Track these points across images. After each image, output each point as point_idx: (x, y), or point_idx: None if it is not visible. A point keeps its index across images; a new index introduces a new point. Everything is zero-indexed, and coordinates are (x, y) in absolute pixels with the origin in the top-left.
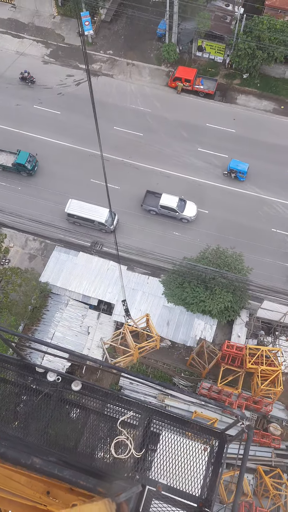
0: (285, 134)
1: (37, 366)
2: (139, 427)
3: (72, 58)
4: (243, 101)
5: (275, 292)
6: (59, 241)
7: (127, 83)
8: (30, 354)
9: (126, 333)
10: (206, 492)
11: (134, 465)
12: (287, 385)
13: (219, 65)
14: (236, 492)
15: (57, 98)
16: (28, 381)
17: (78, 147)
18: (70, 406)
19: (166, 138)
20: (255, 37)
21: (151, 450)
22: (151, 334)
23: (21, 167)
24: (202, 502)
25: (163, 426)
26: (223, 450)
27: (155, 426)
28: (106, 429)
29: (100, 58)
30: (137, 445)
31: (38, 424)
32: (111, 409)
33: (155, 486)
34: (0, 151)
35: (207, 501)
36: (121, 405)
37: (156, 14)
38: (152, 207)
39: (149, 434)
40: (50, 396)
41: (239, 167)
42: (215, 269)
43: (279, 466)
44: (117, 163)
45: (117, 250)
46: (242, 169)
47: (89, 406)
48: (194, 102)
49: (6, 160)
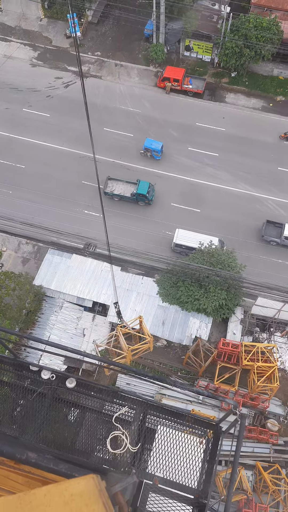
0: (274, 132)
1: (31, 364)
2: (134, 422)
3: (60, 60)
4: (232, 99)
5: (268, 288)
6: (52, 244)
7: (116, 84)
8: (26, 357)
9: (119, 336)
10: (203, 483)
11: (131, 460)
12: (283, 381)
13: (207, 64)
14: (231, 480)
15: (46, 101)
16: (23, 380)
17: (69, 149)
18: (65, 403)
19: (156, 138)
20: (242, 36)
21: (147, 449)
22: (144, 336)
23: (141, 197)
24: (198, 493)
25: (159, 420)
26: (218, 441)
27: (150, 421)
28: (101, 425)
29: (88, 59)
30: (132, 440)
31: (32, 423)
32: (106, 405)
33: (152, 480)
34: (117, 181)
35: (204, 492)
36: (116, 401)
37: (143, 15)
38: (273, 238)
39: (144, 429)
40: (44, 394)
41: (153, 146)
42: (209, 267)
43: (278, 461)
44: (108, 164)
45: (109, 251)
46: (156, 147)
47: (84, 404)
48: (183, 102)
49: (123, 190)
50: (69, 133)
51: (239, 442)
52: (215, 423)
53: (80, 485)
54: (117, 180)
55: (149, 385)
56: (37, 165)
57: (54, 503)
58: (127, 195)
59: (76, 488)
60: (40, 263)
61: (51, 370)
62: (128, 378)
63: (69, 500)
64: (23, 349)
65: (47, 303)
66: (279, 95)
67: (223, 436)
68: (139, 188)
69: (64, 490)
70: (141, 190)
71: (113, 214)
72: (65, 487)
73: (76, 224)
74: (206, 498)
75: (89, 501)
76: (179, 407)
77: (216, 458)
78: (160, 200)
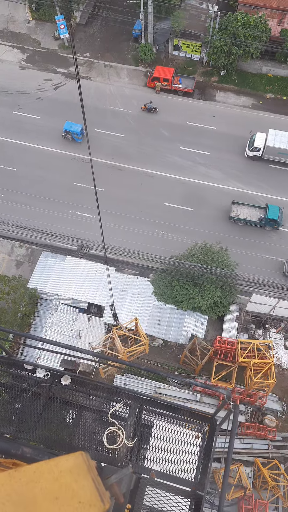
0: (264, 129)
1: (25, 363)
2: (130, 417)
3: (49, 62)
4: (221, 98)
5: (263, 285)
6: (46, 246)
7: (106, 85)
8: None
9: (115, 338)
10: (199, 476)
11: (128, 455)
12: (279, 377)
13: (196, 63)
14: (225, 470)
15: (36, 103)
16: (17, 379)
17: (60, 151)
18: (60, 402)
19: (148, 138)
20: (230, 34)
21: (144, 448)
22: (139, 338)
23: (272, 222)
24: (195, 486)
25: (154, 415)
26: (214, 434)
27: (146, 417)
28: (97, 421)
29: (77, 61)
30: (129, 435)
31: (28, 421)
32: (102, 401)
33: (149, 474)
34: (241, 205)
35: (200, 484)
36: (111, 397)
37: (131, 15)
38: None
39: (140, 424)
40: (39, 394)
41: (73, 129)
42: (203, 266)
43: (276, 457)
44: (100, 165)
45: (105, 252)
46: (75, 130)
47: (80, 402)
48: (173, 101)
49: (249, 215)
50: (60, 134)
51: (233, 431)
52: (210, 415)
53: (69, 461)
54: (242, 204)
55: (146, 384)
56: (29, 168)
57: (43, 479)
58: (253, 219)
59: (65, 465)
60: (34, 266)
61: (46, 368)
62: (125, 379)
63: (59, 476)
64: (19, 352)
65: (42, 305)
66: (269, 92)
67: (218, 428)
68: (269, 213)
69: (53, 467)
70: (272, 215)
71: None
72: (54, 463)
73: (70, 226)
74: (202, 490)
75: (78, 477)
76: (174, 402)
77: (212, 450)
78: (153, 199)
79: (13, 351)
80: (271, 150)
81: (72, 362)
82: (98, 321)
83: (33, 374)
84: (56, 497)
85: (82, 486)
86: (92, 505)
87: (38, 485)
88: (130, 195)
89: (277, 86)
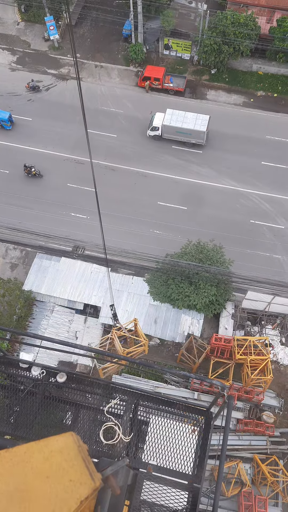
0: (256, 127)
1: (20, 361)
2: (126, 412)
3: (39, 63)
4: (213, 96)
5: (258, 282)
6: (40, 248)
7: (97, 85)
8: None
9: (114, 339)
10: (196, 469)
11: (124, 450)
12: (276, 373)
13: (187, 62)
14: (220, 462)
15: (28, 105)
16: (11, 379)
17: (53, 152)
18: (56, 399)
19: (140, 137)
20: (220, 33)
21: (140, 448)
22: (139, 339)
23: None
24: (192, 479)
25: (150, 410)
26: (210, 426)
27: (142, 411)
28: (94, 417)
29: (67, 62)
30: (125, 430)
31: (25, 419)
32: (97, 397)
33: (146, 468)
34: None
35: (197, 477)
36: (108, 393)
37: (121, 15)
38: None
39: (137, 419)
40: (34, 392)
41: (0, 116)
42: (198, 264)
43: (275, 453)
44: (93, 166)
45: (105, 254)
46: (3, 117)
47: (76, 400)
48: (164, 100)
49: None
50: (52, 136)
51: (227, 421)
52: (206, 409)
53: (59, 441)
54: None
55: (144, 384)
56: (21, 170)
57: (34, 459)
58: None
59: (55, 445)
60: (29, 268)
61: (41, 366)
62: (123, 379)
63: (49, 455)
64: (16, 355)
65: (38, 307)
66: (260, 90)
67: (214, 421)
68: None
69: (44, 447)
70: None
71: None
72: (44, 444)
73: (64, 227)
74: (199, 482)
75: (68, 457)
76: (170, 396)
77: (208, 443)
78: (146, 199)
79: (10, 353)
80: (168, 129)
81: (69, 364)
82: (95, 321)
83: (28, 373)
84: (47, 476)
85: (73, 465)
86: (83, 483)
87: (29, 465)
88: (124, 195)
89: (268, 83)
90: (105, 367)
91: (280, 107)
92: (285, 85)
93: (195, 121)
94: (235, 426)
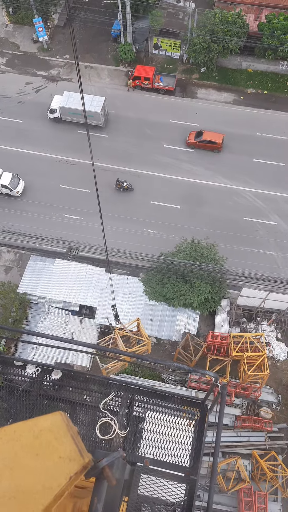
0: (246, 124)
1: (15, 359)
2: (122, 407)
3: (29, 65)
4: (203, 94)
5: (252, 278)
6: (34, 250)
7: (87, 86)
8: None
9: (117, 338)
10: (192, 461)
11: (121, 444)
12: (273, 368)
13: (176, 61)
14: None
15: (18, 107)
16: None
17: (44, 154)
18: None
19: (131, 137)
20: (209, 31)
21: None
22: (141, 338)
23: None
24: (188, 471)
25: (147, 407)
26: (205, 418)
27: (138, 405)
28: (90, 413)
29: (57, 63)
30: (121, 425)
31: None
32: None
33: (143, 462)
34: None
35: (194, 469)
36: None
37: (109, 15)
38: None
39: (133, 414)
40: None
41: None
42: (192, 262)
43: (273, 448)
44: (85, 166)
45: (107, 255)
46: None
47: (72, 398)
48: (155, 100)
49: None
50: (43, 138)
51: (221, 410)
52: (201, 401)
53: (49, 420)
54: None
55: (142, 382)
56: (13, 172)
57: (24, 437)
58: None
59: (44, 423)
60: (23, 270)
61: (36, 364)
62: (121, 379)
63: (39, 434)
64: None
65: (33, 310)
66: (250, 87)
67: (210, 412)
68: None
69: (33, 426)
70: None
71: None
72: (34, 423)
73: (57, 229)
74: (196, 474)
75: (58, 435)
76: (165, 390)
77: (204, 435)
78: (140, 198)
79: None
80: (65, 110)
81: (67, 365)
82: (91, 322)
83: (23, 371)
84: (37, 454)
85: (62, 443)
86: (72, 460)
87: (19, 443)
88: (117, 195)
89: (257, 81)
90: (108, 367)
91: (270, 104)
92: (274, 82)
93: (91, 103)
94: (233, 423)
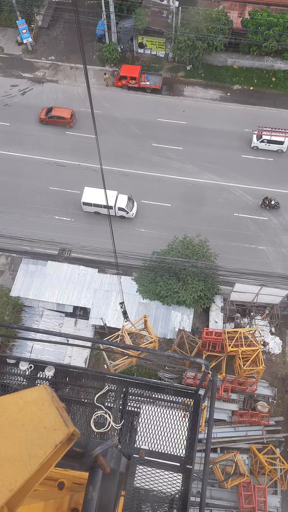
0: (234, 120)
1: (8, 357)
2: (116, 400)
3: (14, 68)
4: (190, 92)
5: (245, 274)
6: (26, 253)
7: (73, 87)
8: None
9: (125, 336)
10: (187, 450)
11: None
12: (268, 362)
13: (162, 60)
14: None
15: (4, 110)
16: None
17: (33, 156)
18: None
19: (119, 137)
20: (193, 29)
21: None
22: (149, 335)
23: None
24: (184, 460)
25: (140, 397)
26: (199, 408)
27: (133, 399)
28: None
29: (42, 65)
30: (116, 418)
31: None
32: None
33: (138, 453)
34: None
35: (189, 458)
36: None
37: (93, 16)
38: None
39: (127, 407)
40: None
41: None
42: (185, 260)
43: (271, 442)
44: (74, 168)
45: (116, 257)
46: None
47: (69, 396)
48: (142, 99)
49: None
50: (31, 140)
51: (213, 397)
52: (194, 391)
53: (34, 393)
54: None
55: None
56: (2, 175)
57: (9, 410)
58: None
59: (29, 396)
60: (15, 274)
61: (29, 361)
62: (116, 373)
63: (24, 406)
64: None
65: (27, 313)
66: (235, 84)
67: (203, 402)
68: None
69: (18, 399)
70: None
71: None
72: (19, 396)
73: (48, 231)
74: (191, 463)
75: (42, 406)
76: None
77: (197, 424)
78: None
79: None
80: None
81: (65, 366)
82: (85, 323)
83: (16, 368)
84: (22, 424)
85: (47, 414)
86: (57, 429)
87: (4, 415)
88: None
89: (243, 77)
90: (116, 364)
91: (256, 99)
92: (260, 78)
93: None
94: (230, 418)
